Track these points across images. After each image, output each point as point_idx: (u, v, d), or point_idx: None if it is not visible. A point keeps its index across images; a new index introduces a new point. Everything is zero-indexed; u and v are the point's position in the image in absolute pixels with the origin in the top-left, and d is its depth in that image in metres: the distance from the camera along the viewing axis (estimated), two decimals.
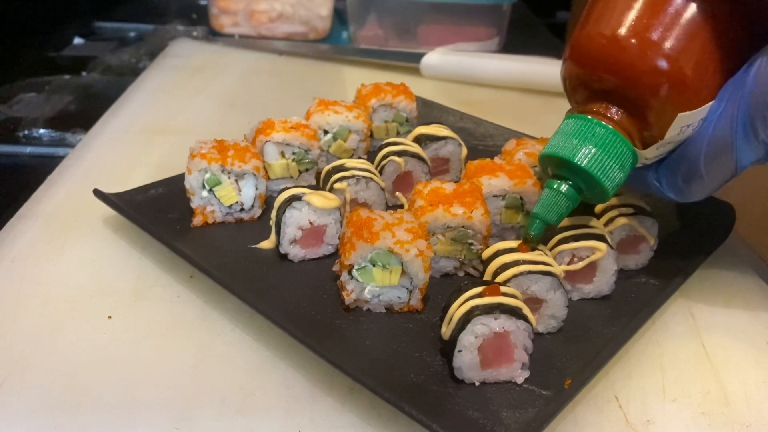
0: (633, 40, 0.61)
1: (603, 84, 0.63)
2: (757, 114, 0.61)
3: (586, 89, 0.65)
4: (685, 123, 0.62)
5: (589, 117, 0.64)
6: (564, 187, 0.65)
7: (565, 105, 0.69)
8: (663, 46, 0.60)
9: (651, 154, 0.65)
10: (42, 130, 1.14)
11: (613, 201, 0.78)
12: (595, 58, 0.63)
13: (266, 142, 0.87)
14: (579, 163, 0.63)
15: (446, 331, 0.61)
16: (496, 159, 0.84)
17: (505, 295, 0.61)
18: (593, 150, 0.63)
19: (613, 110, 0.63)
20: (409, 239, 0.67)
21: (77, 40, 1.63)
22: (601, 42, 0.62)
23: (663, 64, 0.60)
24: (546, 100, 1.32)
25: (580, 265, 0.70)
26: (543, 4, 2.05)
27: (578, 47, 0.65)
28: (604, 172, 0.63)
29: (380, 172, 0.86)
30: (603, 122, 0.63)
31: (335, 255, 0.76)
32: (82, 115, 1.20)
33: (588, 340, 0.67)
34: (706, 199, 0.87)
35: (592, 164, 0.63)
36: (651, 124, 0.63)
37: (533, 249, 0.67)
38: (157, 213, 0.82)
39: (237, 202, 0.83)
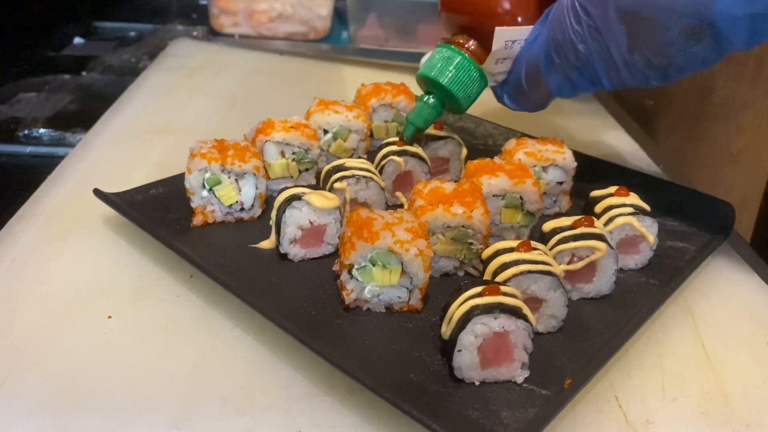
0: None
1: (459, 21, 0.85)
2: (551, 45, 0.76)
3: (452, 25, 0.86)
4: (507, 38, 0.80)
5: (452, 46, 0.84)
6: (431, 100, 0.86)
7: (563, 104, 0.69)
8: None
9: (491, 68, 0.84)
10: (42, 130, 1.14)
11: (613, 201, 0.78)
12: (453, 4, 0.85)
13: (266, 141, 0.87)
14: (441, 81, 0.84)
15: (446, 330, 0.61)
16: (496, 159, 0.85)
17: (505, 294, 0.61)
18: (452, 72, 0.83)
19: (470, 41, 0.84)
20: (409, 239, 0.67)
21: (77, 40, 1.63)
22: None
23: (491, 4, 0.81)
24: None
25: (580, 264, 0.70)
26: None
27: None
28: (460, 88, 0.84)
29: (380, 172, 0.86)
30: (461, 51, 0.83)
31: (335, 255, 0.76)
32: (82, 114, 1.20)
33: (588, 340, 0.67)
34: (706, 199, 0.88)
35: (450, 82, 0.84)
36: (485, 42, 0.82)
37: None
38: (157, 213, 0.82)
39: (237, 202, 0.83)
